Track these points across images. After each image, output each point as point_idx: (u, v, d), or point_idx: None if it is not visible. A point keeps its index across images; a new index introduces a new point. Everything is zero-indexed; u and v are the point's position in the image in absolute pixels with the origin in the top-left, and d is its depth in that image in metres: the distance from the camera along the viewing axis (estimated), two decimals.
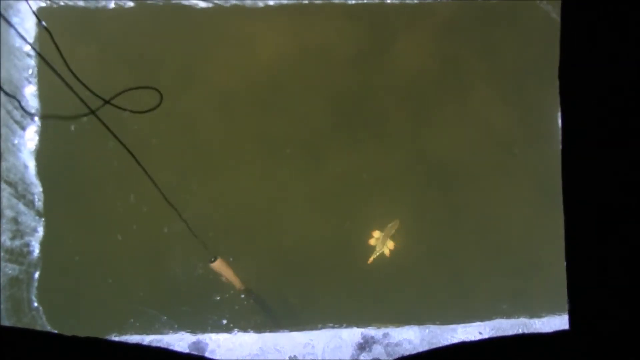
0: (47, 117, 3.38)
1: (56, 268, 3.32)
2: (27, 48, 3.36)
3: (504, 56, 3.58)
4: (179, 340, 3.21)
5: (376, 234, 3.43)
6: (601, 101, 1.30)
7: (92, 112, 2.80)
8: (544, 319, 3.36)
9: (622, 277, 1.22)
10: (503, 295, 3.40)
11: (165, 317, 3.30)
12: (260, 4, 3.51)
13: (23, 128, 3.32)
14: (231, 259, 3.29)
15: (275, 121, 3.50)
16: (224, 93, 3.52)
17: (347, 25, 3.55)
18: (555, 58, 1.39)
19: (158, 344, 3.17)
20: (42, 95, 3.38)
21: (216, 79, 3.54)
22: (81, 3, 3.41)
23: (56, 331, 3.19)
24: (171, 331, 3.28)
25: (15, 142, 3.29)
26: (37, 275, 3.29)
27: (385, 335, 3.23)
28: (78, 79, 2.77)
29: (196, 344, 3.20)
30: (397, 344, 3.20)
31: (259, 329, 3.30)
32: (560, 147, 1.41)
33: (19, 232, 3.26)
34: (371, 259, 3.42)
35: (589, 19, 1.33)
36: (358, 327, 3.28)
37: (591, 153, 1.32)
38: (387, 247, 3.41)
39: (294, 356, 3.14)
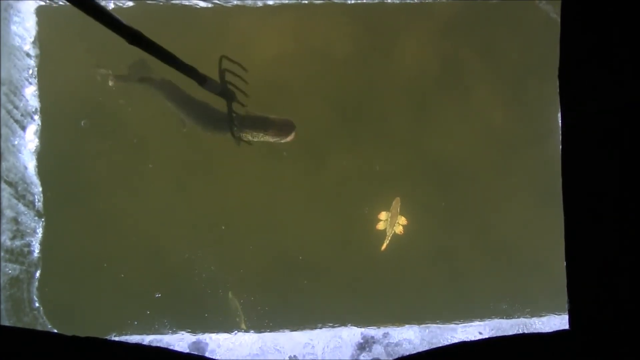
0: (47, 117, 3.38)
1: (56, 268, 3.32)
2: (27, 48, 3.37)
3: (504, 56, 3.57)
4: (179, 340, 3.21)
5: (383, 215, 3.41)
6: (601, 101, 1.30)
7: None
8: (544, 319, 3.36)
9: (622, 277, 1.22)
10: (503, 295, 3.40)
11: (165, 317, 3.30)
12: (260, 4, 3.51)
13: (23, 128, 3.32)
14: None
15: None
16: None
17: (347, 25, 3.55)
18: (555, 58, 1.39)
19: (158, 344, 3.17)
20: (42, 95, 3.38)
21: (216, 79, 3.53)
22: None
23: (56, 331, 3.20)
24: (171, 331, 3.28)
25: (15, 142, 3.29)
26: (37, 275, 3.29)
27: (385, 335, 3.23)
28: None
29: (196, 344, 3.20)
30: (397, 344, 3.20)
31: (259, 329, 3.30)
32: (560, 147, 1.41)
33: (19, 232, 3.26)
34: (385, 244, 3.39)
35: (589, 19, 1.33)
36: (358, 327, 3.28)
37: (591, 153, 1.32)
38: (399, 223, 3.40)
39: (294, 356, 3.14)
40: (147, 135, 3.42)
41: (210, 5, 3.48)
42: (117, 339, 3.19)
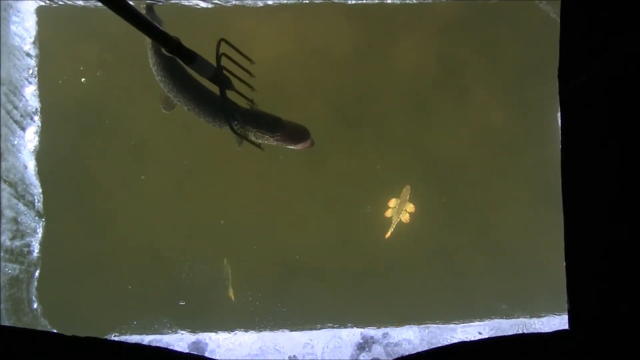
0: (47, 117, 3.38)
1: (56, 268, 3.32)
2: (27, 48, 3.37)
3: (504, 56, 3.58)
4: (179, 340, 3.21)
5: (392, 202, 3.41)
6: (600, 101, 1.30)
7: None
8: (544, 319, 3.37)
9: (622, 277, 1.22)
10: (503, 295, 3.40)
11: (165, 317, 3.30)
12: (260, 4, 3.51)
13: (23, 128, 3.32)
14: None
15: None
16: None
17: (347, 25, 3.55)
18: (555, 58, 1.39)
19: (158, 344, 3.17)
20: (42, 95, 3.38)
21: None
22: (80, 2, 3.41)
23: (56, 331, 3.20)
24: (171, 331, 3.28)
25: (15, 142, 3.29)
26: (37, 275, 3.29)
27: (385, 335, 3.23)
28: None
29: (196, 344, 3.20)
30: (396, 344, 3.20)
31: (259, 329, 3.30)
32: (560, 147, 1.41)
33: (19, 232, 3.26)
34: (389, 232, 3.40)
35: (589, 19, 1.33)
36: (358, 327, 3.28)
37: (591, 153, 1.32)
38: (406, 211, 3.40)
39: (294, 356, 3.15)
40: (147, 136, 3.42)
41: (210, 5, 3.48)
42: (116, 339, 3.19)
